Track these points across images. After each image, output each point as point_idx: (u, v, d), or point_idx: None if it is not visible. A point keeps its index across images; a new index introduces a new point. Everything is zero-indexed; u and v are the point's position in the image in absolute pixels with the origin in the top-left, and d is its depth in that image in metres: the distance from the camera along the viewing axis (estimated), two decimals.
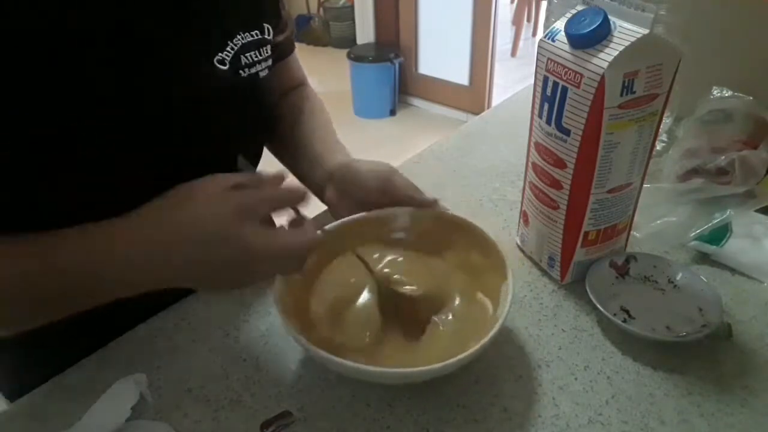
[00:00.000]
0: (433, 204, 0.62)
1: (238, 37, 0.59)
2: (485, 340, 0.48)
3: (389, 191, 0.62)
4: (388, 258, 0.61)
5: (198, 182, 0.45)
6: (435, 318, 0.56)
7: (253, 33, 0.60)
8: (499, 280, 0.56)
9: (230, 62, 0.58)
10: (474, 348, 0.48)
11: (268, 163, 0.66)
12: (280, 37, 0.69)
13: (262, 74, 0.62)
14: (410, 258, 0.61)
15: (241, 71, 0.59)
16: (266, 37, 0.62)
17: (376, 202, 0.62)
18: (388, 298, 0.57)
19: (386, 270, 0.59)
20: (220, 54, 0.57)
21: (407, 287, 0.57)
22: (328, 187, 0.65)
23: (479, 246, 0.60)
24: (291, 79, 0.78)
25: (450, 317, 0.56)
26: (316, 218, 0.70)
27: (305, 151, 0.70)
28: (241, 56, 0.59)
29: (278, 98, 0.75)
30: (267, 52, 0.63)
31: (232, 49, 0.58)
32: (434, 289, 0.58)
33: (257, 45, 0.61)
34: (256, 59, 0.61)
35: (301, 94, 0.77)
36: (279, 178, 0.49)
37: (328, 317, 0.56)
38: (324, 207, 0.67)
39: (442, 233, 0.62)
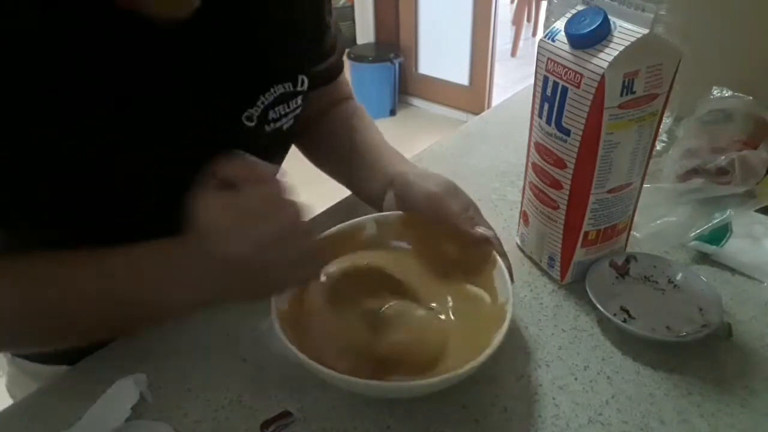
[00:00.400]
0: (482, 241, 0.56)
1: (271, 90, 0.56)
2: (498, 337, 0.47)
3: (440, 215, 0.57)
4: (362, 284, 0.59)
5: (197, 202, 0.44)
6: (432, 312, 0.56)
7: (286, 85, 0.57)
8: (486, 267, 0.56)
9: (257, 117, 0.55)
10: (487, 351, 0.47)
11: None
12: (323, 65, 0.67)
13: (287, 126, 0.59)
14: (384, 273, 0.60)
15: (266, 126, 0.57)
16: (299, 89, 0.59)
17: (429, 220, 0.59)
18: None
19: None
20: (249, 110, 0.54)
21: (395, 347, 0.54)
22: (387, 194, 0.63)
23: (450, 237, 0.58)
24: (337, 94, 0.75)
25: (451, 317, 0.56)
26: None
27: (365, 158, 0.68)
28: (270, 111, 0.56)
29: (324, 112, 0.74)
30: (297, 103, 0.59)
31: (263, 103, 0.55)
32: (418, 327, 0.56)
33: (288, 98, 0.58)
34: (283, 113, 0.58)
35: (349, 107, 0.76)
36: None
37: (331, 350, 0.53)
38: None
39: (412, 233, 0.62)
